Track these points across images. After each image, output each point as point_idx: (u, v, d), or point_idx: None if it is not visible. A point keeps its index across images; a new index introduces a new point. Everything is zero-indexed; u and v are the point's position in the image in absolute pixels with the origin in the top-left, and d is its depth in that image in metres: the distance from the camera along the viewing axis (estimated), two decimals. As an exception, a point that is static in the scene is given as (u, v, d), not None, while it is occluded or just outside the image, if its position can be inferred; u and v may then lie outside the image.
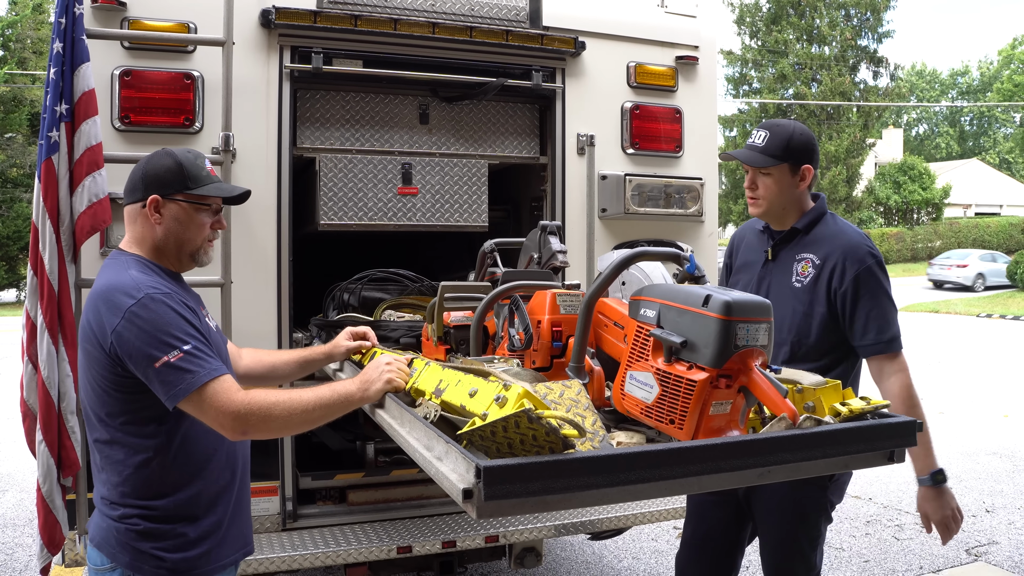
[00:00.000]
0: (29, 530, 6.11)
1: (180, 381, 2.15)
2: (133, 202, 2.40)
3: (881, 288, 2.98)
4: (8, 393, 11.41)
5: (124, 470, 2.29)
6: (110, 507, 2.32)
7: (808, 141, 3.05)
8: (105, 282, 2.28)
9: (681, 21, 4.52)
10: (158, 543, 2.29)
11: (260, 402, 2.19)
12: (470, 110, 4.30)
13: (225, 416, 2.17)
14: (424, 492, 4.02)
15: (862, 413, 2.15)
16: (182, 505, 2.33)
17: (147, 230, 2.39)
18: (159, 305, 2.21)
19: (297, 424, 2.26)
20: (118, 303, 2.20)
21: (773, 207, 3.09)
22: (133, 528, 2.28)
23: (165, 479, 2.31)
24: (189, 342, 2.19)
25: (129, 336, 2.17)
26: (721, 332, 1.94)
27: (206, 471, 2.37)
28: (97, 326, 2.22)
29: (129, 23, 3.55)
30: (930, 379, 12.52)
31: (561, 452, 1.64)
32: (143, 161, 2.43)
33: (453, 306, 2.99)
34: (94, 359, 2.25)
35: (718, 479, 1.83)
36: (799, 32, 41.81)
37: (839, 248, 2.99)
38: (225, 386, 2.18)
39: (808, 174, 3.04)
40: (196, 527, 2.34)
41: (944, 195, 46.53)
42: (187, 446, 2.33)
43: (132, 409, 2.27)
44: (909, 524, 6.23)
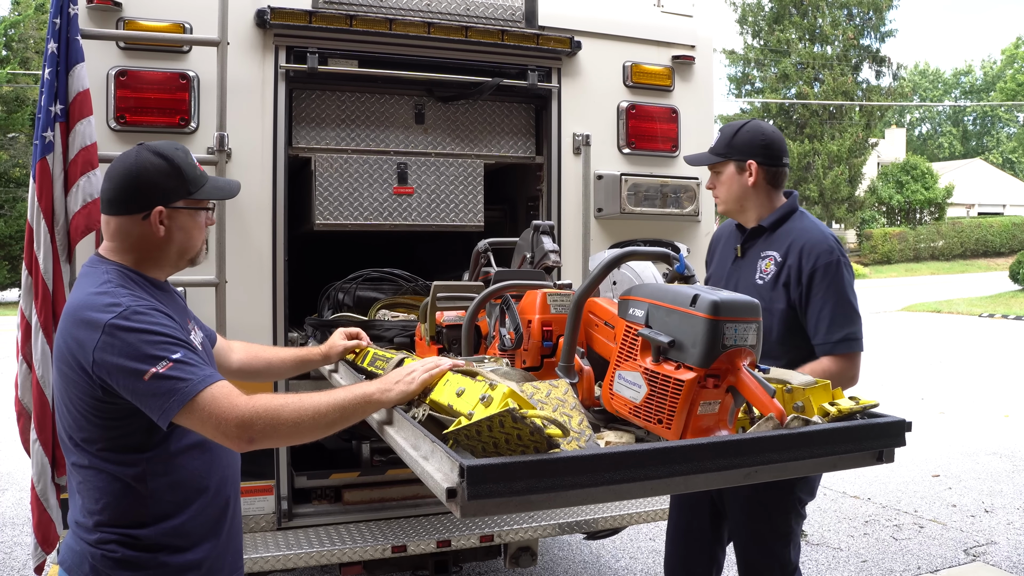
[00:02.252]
0: (28, 529, 6.10)
1: (173, 392, 1.95)
2: (127, 213, 2.18)
3: (837, 286, 2.96)
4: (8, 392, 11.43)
5: (102, 497, 2.12)
6: (86, 531, 2.14)
7: (753, 138, 3.10)
8: (80, 298, 2.10)
9: (677, 20, 4.52)
10: (136, 573, 2.12)
11: (266, 405, 1.99)
12: (466, 110, 4.30)
13: (228, 423, 1.96)
14: (419, 492, 4.02)
15: (851, 413, 2.15)
16: (166, 535, 2.15)
17: (145, 241, 2.20)
18: (141, 316, 2.03)
19: (308, 428, 2.01)
20: (95, 319, 2.02)
21: (729, 204, 3.19)
22: (110, 555, 2.11)
23: (147, 508, 2.13)
24: (177, 351, 2.00)
25: (111, 352, 1.99)
26: (709, 332, 1.95)
27: (196, 502, 2.20)
28: (76, 346, 2.04)
29: (124, 23, 3.56)
30: (931, 379, 12.52)
31: (546, 452, 1.65)
32: (129, 165, 2.19)
33: (446, 306, 2.99)
34: (71, 381, 2.08)
35: (704, 479, 1.83)
36: (801, 31, 41.77)
37: (800, 244, 3.01)
38: (225, 391, 1.99)
39: (753, 169, 3.09)
40: (180, 558, 2.16)
41: (947, 195, 46.47)
42: (174, 474, 2.16)
43: (112, 436, 2.10)
44: (907, 524, 6.23)
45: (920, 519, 6.36)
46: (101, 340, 2.00)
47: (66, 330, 2.10)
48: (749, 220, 3.20)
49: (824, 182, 40.09)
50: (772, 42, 42.18)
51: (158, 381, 1.96)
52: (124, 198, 2.19)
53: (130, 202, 2.18)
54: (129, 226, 2.20)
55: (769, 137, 3.13)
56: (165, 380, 1.96)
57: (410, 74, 3.97)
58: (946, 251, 44.91)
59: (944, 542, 5.85)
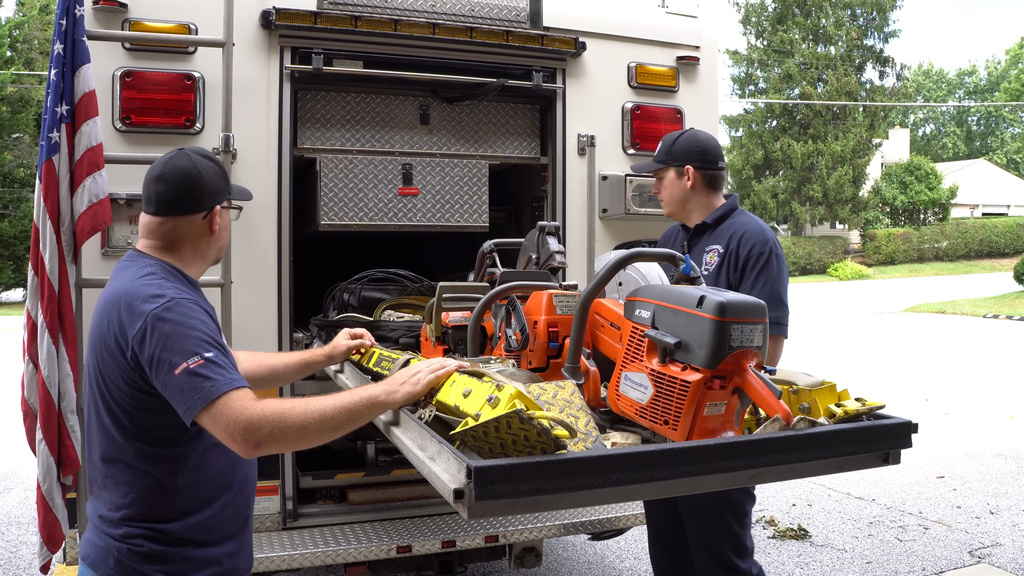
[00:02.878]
0: (34, 528, 6.13)
1: (199, 389, 1.99)
2: (188, 213, 2.29)
3: (768, 273, 3.20)
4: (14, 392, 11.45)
5: (131, 491, 2.17)
6: (110, 525, 2.18)
7: (690, 145, 3.38)
8: (124, 286, 2.16)
9: (682, 21, 4.52)
10: (162, 566, 2.16)
11: (273, 410, 2.00)
12: (470, 110, 4.30)
13: (236, 427, 1.97)
14: (424, 492, 4.02)
15: (857, 414, 2.14)
16: (192, 529, 2.20)
17: (196, 240, 2.32)
18: (184, 311, 2.09)
19: (314, 432, 2.02)
20: (139, 309, 2.08)
21: (672, 206, 3.47)
22: (137, 549, 2.15)
23: (176, 503, 2.18)
24: (211, 350, 2.05)
25: (151, 342, 2.04)
26: (715, 333, 1.95)
27: (221, 498, 2.26)
28: (119, 332, 2.10)
29: (130, 24, 3.57)
30: (935, 380, 12.50)
31: (553, 453, 1.65)
32: (188, 168, 2.29)
33: (451, 306, 2.99)
34: (109, 368, 2.13)
35: (710, 480, 1.83)
36: (805, 32, 41.74)
37: (739, 234, 3.28)
38: (240, 394, 2.01)
39: (691, 173, 3.37)
40: (204, 552, 2.21)
41: (951, 195, 46.41)
42: (202, 470, 2.21)
43: (147, 428, 2.15)
44: (912, 526, 6.22)
45: (925, 520, 6.35)
46: (142, 329, 2.06)
47: (107, 317, 2.14)
48: (692, 220, 3.46)
49: (828, 183, 40.06)
50: (775, 42, 42.15)
51: (188, 376, 2.00)
52: (186, 199, 2.29)
53: (193, 203, 2.29)
54: (186, 226, 2.30)
55: (704, 144, 3.40)
56: (194, 377, 2.00)
57: (415, 75, 3.98)
58: (950, 252, 44.86)
59: (949, 543, 5.84)
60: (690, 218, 3.46)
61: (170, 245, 2.30)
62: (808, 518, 6.42)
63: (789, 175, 41.49)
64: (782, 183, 41.75)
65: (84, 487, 3.42)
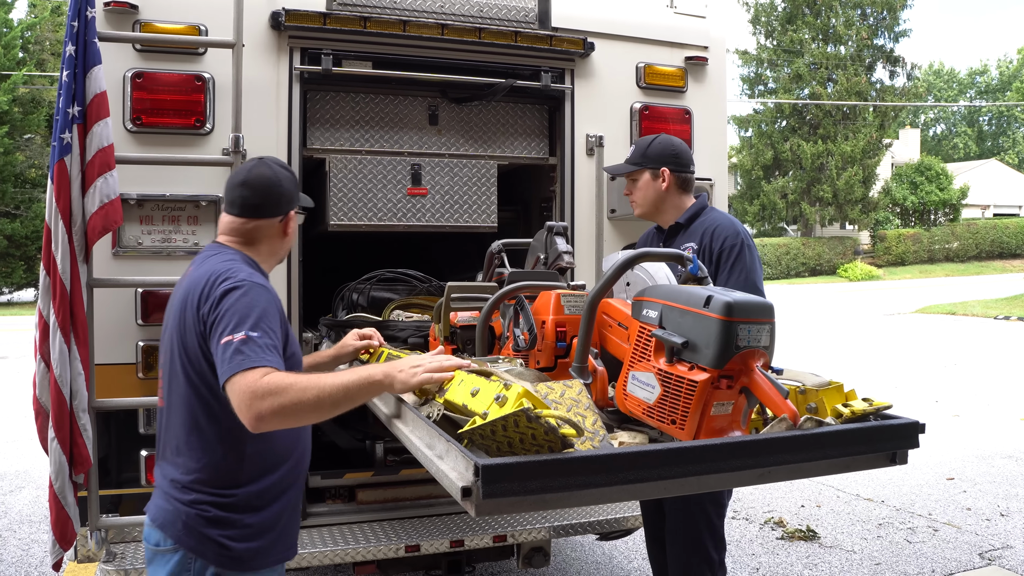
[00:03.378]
0: (45, 526, 6.17)
1: (231, 361, 2.16)
2: (269, 217, 2.56)
3: (741, 264, 3.30)
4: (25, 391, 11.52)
5: (203, 456, 2.36)
6: (181, 490, 2.37)
7: (665, 149, 3.50)
8: (214, 267, 2.40)
9: (690, 21, 4.52)
10: (225, 531, 2.35)
11: (277, 383, 2.12)
12: (479, 111, 4.31)
13: (243, 398, 2.11)
14: (433, 491, 4.03)
15: (864, 415, 2.15)
16: (253, 496, 2.39)
17: (273, 240, 2.60)
18: (253, 293, 2.30)
19: (311, 407, 2.13)
20: (221, 285, 2.31)
21: (646, 207, 3.56)
22: (203, 514, 2.34)
23: (242, 470, 2.38)
24: (257, 331, 2.22)
25: (216, 311, 2.27)
26: (722, 333, 1.96)
27: (279, 468, 2.44)
28: (201, 303, 2.32)
29: (141, 26, 3.59)
30: (946, 381, 12.45)
31: (560, 451, 1.66)
32: (271, 176, 2.55)
33: (460, 306, 3.01)
34: (191, 340, 2.34)
35: (717, 479, 1.84)
36: (815, 31, 41.60)
37: (709, 232, 3.40)
38: (261, 371, 2.14)
39: (666, 175, 3.48)
40: (259, 517, 2.40)
41: (962, 196, 46.19)
42: (268, 441, 2.39)
43: (222, 397, 2.27)
44: (922, 527, 6.20)
45: (934, 522, 6.33)
46: (216, 299, 2.29)
47: (193, 292, 2.37)
48: (667, 220, 3.56)
49: (838, 183, 39.91)
50: (785, 42, 42.04)
51: (226, 347, 2.19)
52: (267, 204, 2.56)
53: (272, 208, 2.57)
54: (266, 227, 2.58)
55: (678, 148, 3.54)
56: (231, 349, 2.18)
57: (424, 75, 3.99)
58: (961, 252, 44.66)
59: (959, 545, 5.82)
60: (664, 219, 3.57)
61: (249, 242, 2.57)
62: (817, 519, 6.41)
63: (799, 175, 41.37)
64: (792, 183, 41.62)
65: (95, 485, 3.44)
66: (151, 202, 3.59)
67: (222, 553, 2.34)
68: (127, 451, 3.62)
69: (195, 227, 3.66)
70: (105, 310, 3.51)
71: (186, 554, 2.34)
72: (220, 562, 2.34)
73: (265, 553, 2.42)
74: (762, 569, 5.38)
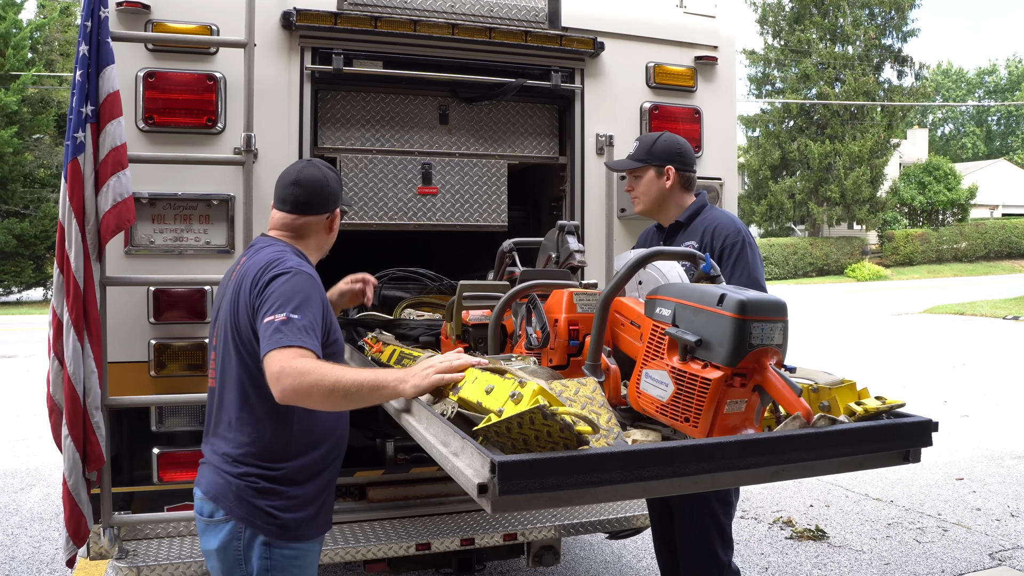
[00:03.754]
0: (56, 524, 6.20)
1: (270, 339, 2.33)
2: (318, 214, 2.77)
3: (743, 262, 3.29)
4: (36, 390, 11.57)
5: (254, 432, 2.56)
6: (232, 464, 2.56)
7: (670, 147, 3.49)
8: (267, 256, 2.61)
9: (700, 21, 4.52)
10: (272, 501, 2.53)
11: (302, 366, 2.26)
12: (490, 110, 4.32)
13: (272, 372, 2.28)
14: (443, 490, 4.04)
15: (877, 413, 2.15)
16: (298, 471, 2.58)
17: (320, 236, 2.82)
18: (300, 279, 2.50)
19: (324, 395, 2.26)
20: (272, 271, 2.51)
21: (648, 205, 3.53)
22: (252, 485, 2.53)
23: (289, 445, 2.56)
24: (297, 314, 2.38)
25: (263, 294, 2.46)
26: (736, 331, 1.96)
27: (321, 446, 2.63)
28: (253, 288, 2.52)
29: (153, 25, 3.60)
30: (954, 382, 12.42)
31: (575, 448, 1.66)
32: (320, 177, 2.77)
33: (472, 305, 3.01)
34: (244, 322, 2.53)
35: (731, 476, 1.84)
36: (822, 31, 41.50)
37: (710, 230, 3.38)
38: (295, 350, 2.30)
39: (671, 173, 3.46)
40: (304, 490, 2.58)
41: (970, 196, 46.03)
42: (312, 420, 2.58)
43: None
44: (931, 527, 6.19)
45: (944, 522, 6.32)
46: (265, 283, 2.49)
47: (247, 278, 2.57)
48: (668, 219, 3.55)
49: (845, 183, 39.81)
50: (793, 42, 41.95)
51: (267, 326, 2.37)
52: (317, 202, 2.77)
53: (323, 205, 2.78)
54: (314, 223, 2.79)
55: (683, 147, 3.52)
56: (271, 328, 2.36)
57: (434, 75, 4.00)
58: (969, 252, 44.52)
59: (969, 546, 5.81)
60: (665, 217, 3.56)
61: (299, 237, 2.78)
62: (826, 519, 6.40)
63: (806, 175, 41.27)
64: (799, 183, 41.53)
65: (108, 482, 3.46)
66: (163, 201, 3.61)
67: (270, 522, 2.52)
68: (139, 449, 3.63)
69: (207, 226, 3.67)
70: (117, 309, 3.53)
71: (237, 524, 2.53)
72: (268, 531, 2.53)
73: (309, 523, 2.61)
74: (771, 569, 5.38)
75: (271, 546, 2.54)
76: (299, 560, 2.60)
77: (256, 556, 2.53)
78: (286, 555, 2.56)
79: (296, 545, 2.59)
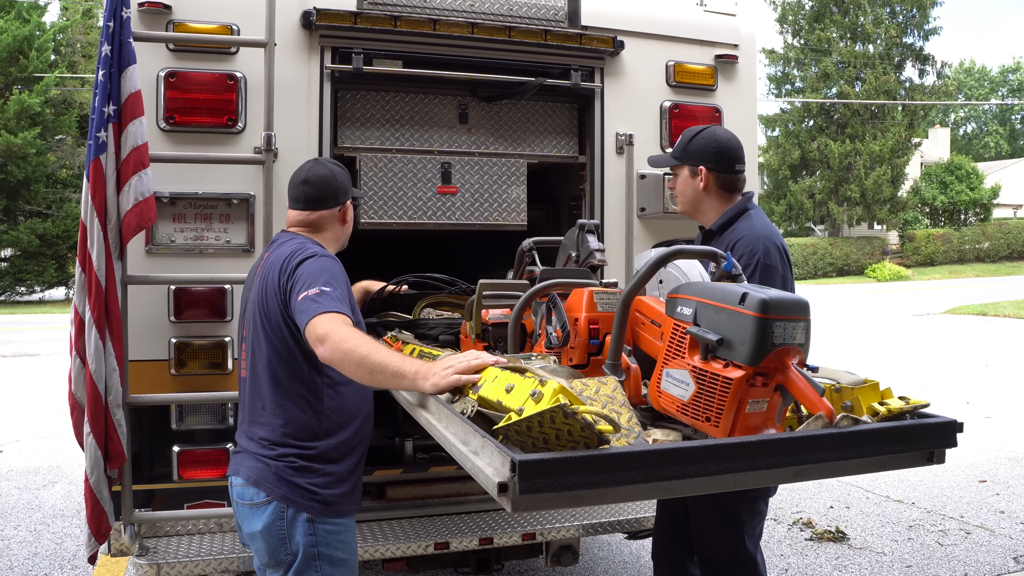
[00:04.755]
0: (77, 521, 6.25)
1: (309, 309, 2.50)
2: (329, 207, 2.96)
3: (769, 275, 3.05)
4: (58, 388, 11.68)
5: (287, 414, 2.73)
6: (269, 447, 2.73)
7: (706, 144, 3.23)
8: (290, 248, 2.78)
9: (720, 19, 4.49)
10: (311, 478, 2.70)
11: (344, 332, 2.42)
12: (509, 109, 4.32)
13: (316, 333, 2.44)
14: (462, 489, 4.04)
15: (901, 413, 2.13)
16: (331, 449, 2.75)
17: (334, 228, 3.00)
18: (323, 262, 2.69)
19: (353, 366, 2.38)
20: (296, 259, 2.70)
21: (685, 204, 3.38)
22: (290, 465, 2.70)
23: (320, 423, 2.74)
24: (329, 286, 2.57)
25: (292, 279, 2.64)
26: (758, 330, 1.94)
27: (351, 424, 2.81)
28: (280, 277, 2.69)
29: (174, 26, 3.62)
30: (977, 383, 12.30)
31: (596, 447, 1.65)
32: (327, 172, 2.96)
33: (492, 304, 3.01)
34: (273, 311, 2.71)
35: (753, 477, 1.82)
36: (843, 30, 41.19)
37: (742, 242, 3.12)
38: (334, 315, 2.48)
39: (704, 175, 3.23)
40: (339, 468, 2.76)
41: (993, 195, 45.57)
42: (340, 399, 2.77)
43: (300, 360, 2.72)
44: (953, 530, 6.13)
45: (967, 525, 6.25)
46: (292, 270, 2.67)
47: (273, 270, 2.74)
48: (706, 221, 3.34)
49: (866, 183, 39.51)
50: (813, 41, 41.66)
51: (304, 300, 2.55)
52: (328, 195, 2.96)
53: (333, 198, 2.97)
54: (327, 217, 2.98)
55: (722, 144, 3.23)
56: (307, 300, 2.54)
57: (454, 74, 4.00)
58: (992, 253, 44.06)
59: (992, 549, 5.74)
60: (704, 219, 3.35)
61: (315, 230, 2.96)
62: (846, 520, 6.35)
63: (826, 175, 40.99)
64: (819, 183, 41.26)
65: (129, 480, 3.48)
66: (184, 200, 3.63)
67: (311, 499, 2.69)
68: (159, 447, 3.65)
69: (227, 225, 3.69)
70: (138, 307, 3.55)
71: (279, 504, 2.68)
72: (311, 508, 2.69)
73: (346, 499, 2.79)
74: (791, 570, 5.34)
75: (314, 522, 2.69)
76: (341, 535, 2.77)
77: (301, 533, 2.68)
78: (329, 530, 2.72)
79: (337, 521, 2.75)
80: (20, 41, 28.26)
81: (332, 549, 2.73)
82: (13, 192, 28.86)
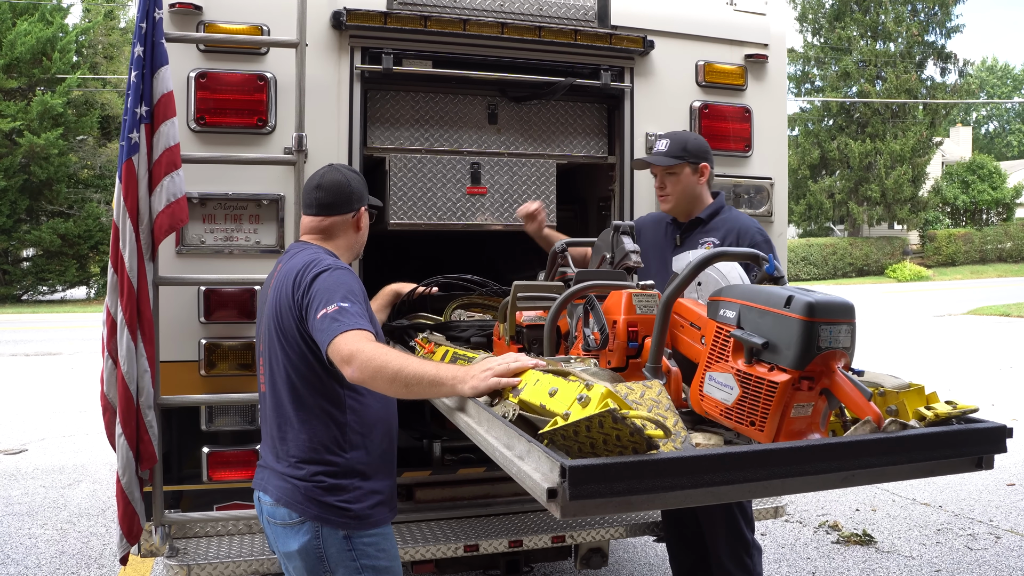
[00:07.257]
0: (103, 520, 6.28)
1: (330, 329, 2.43)
2: (342, 214, 2.88)
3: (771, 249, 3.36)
4: (81, 387, 11.76)
5: (311, 428, 2.67)
6: (296, 466, 2.67)
7: (702, 144, 3.65)
8: (302, 260, 2.71)
9: (750, 19, 4.45)
10: (341, 496, 2.65)
11: (371, 350, 2.36)
12: (538, 110, 4.30)
13: (342, 353, 2.37)
14: (490, 491, 4.02)
15: (948, 418, 2.09)
16: (357, 462, 2.69)
17: (348, 235, 2.92)
18: (338, 275, 2.61)
19: (387, 380, 2.33)
20: (310, 273, 2.62)
21: (680, 202, 3.64)
22: (319, 485, 2.64)
23: (344, 435, 2.68)
24: (347, 303, 2.49)
25: (308, 295, 2.57)
26: (804, 334, 1.92)
27: (373, 435, 2.74)
28: (294, 292, 2.63)
29: (205, 26, 3.62)
30: (1001, 385, 12.17)
31: (645, 452, 1.63)
32: (341, 179, 2.88)
33: (526, 305, 2.99)
34: (288, 326, 2.65)
35: (802, 482, 1.80)
36: (863, 28, 40.90)
37: (734, 230, 3.53)
38: (358, 333, 2.42)
39: (706, 170, 3.63)
40: (367, 482, 2.70)
41: (1016, 195, 45.15)
42: (362, 411, 2.71)
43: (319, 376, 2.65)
44: (983, 534, 6.06)
45: (996, 529, 6.18)
46: (307, 286, 2.60)
47: (286, 285, 2.67)
48: (692, 214, 3.67)
49: (886, 182, 39.20)
50: (833, 39, 41.40)
51: (323, 318, 2.48)
52: (340, 202, 2.88)
53: (346, 204, 2.89)
54: (340, 223, 2.90)
55: (707, 145, 3.70)
56: (327, 319, 2.47)
57: (483, 74, 3.98)
58: (1014, 253, 43.63)
59: (1023, 554, 5.67)
60: (690, 212, 3.66)
61: (328, 238, 2.89)
62: (873, 523, 6.29)
63: (846, 175, 40.72)
64: (839, 183, 40.98)
65: (160, 481, 3.49)
66: (214, 201, 3.63)
67: (344, 515, 2.63)
68: (189, 448, 3.66)
69: (257, 226, 3.69)
70: (168, 308, 3.55)
71: (312, 523, 2.63)
72: (346, 524, 2.64)
73: (381, 508, 2.74)
74: (818, 573, 5.29)
75: (351, 538, 2.65)
76: (381, 544, 2.73)
77: (339, 550, 2.64)
78: (367, 543, 2.68)
79: (374, 531, 2.71)
80: (43, 43, 28.53)
81: (374, 560, 2.69)
82: (36, 192, 29.13)
